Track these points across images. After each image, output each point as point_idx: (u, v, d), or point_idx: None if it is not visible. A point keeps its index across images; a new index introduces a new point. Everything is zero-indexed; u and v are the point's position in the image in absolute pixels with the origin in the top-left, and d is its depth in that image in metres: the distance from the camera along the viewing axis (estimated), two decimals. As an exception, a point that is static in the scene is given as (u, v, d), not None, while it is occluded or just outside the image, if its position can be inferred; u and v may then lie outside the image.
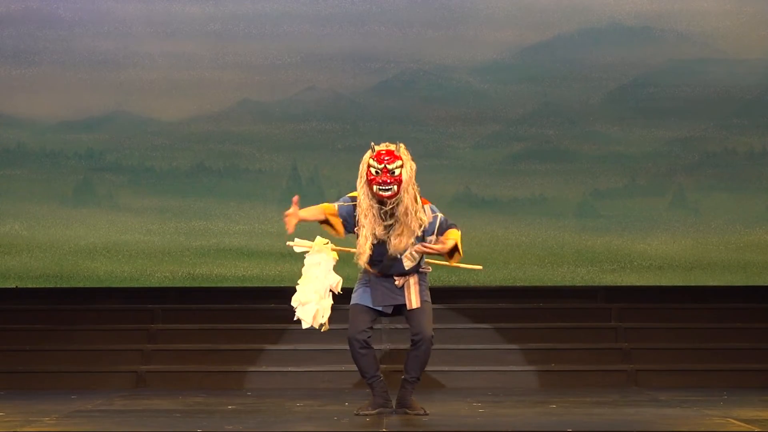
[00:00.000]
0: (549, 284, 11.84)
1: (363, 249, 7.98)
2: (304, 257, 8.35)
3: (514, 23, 12.09)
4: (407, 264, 8.05)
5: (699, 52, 12.11)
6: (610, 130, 12.09)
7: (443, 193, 11.86)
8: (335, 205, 8.12)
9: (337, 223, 8.09)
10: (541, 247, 11.94)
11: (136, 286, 11.77)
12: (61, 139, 11.97)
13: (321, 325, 8.22)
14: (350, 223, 8.08)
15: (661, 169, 12.05)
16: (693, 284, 11.81)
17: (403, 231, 7.94)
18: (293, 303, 8.21)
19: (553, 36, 12.12)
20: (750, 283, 11.79)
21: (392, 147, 8.03)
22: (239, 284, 11.81)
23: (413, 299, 8.06)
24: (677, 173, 12.04)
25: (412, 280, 8.09)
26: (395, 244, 7.94)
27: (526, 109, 12.13)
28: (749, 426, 7.65)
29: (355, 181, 8.05)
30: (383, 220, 7.97)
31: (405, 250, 7.98)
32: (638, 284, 11.83)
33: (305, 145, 12.06)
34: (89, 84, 12.00)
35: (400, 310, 8.17)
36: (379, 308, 8.11)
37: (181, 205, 11.97)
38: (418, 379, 8.18)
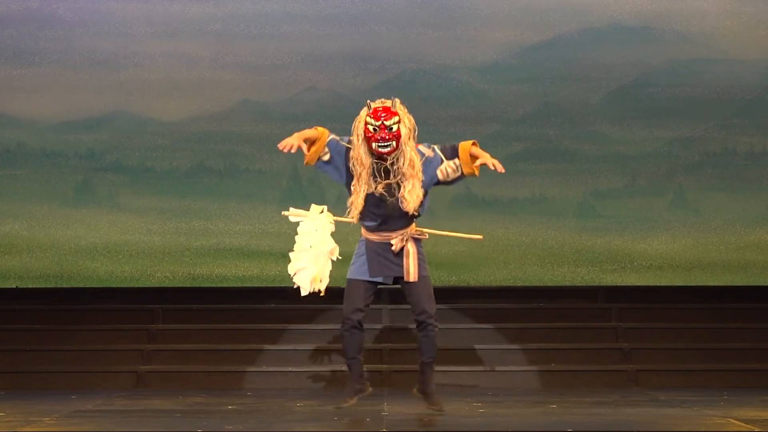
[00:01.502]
0: (549, 284, 11.84)
1: (356, 202, 7.97)
2: (299, 225, 8.36)
3: (514, 23, 12.09)
4: (404, 222, 8.01)
5: (699, 52, 12.11)
6: (610, 130, 12.09)
7: (443, 193, 11.84)
8: (328, 135, 8.09)
9: (318, 149, 8.05)
10: (541, 247, 11.94)
11: (136, 286, 11.77)
12: (61, 139, 11.97)
13: (319, 291, 8.23)
14: (334, 159, 8.05)
15: (661, 169, 12.05)
16: (693, 284, 11.81)
17: (414, 185, 7.93)
18: (290, 270, 8.21)
19: (553, 36, 12.12)
20: (750, 283, 11.79)
21: (388, 103, 8.03)
22: (239, 284, 11.81)
23: (411, 270, 8.02)
24: (677, 173, 12.04)
25: (411, 248, 8.04)
26: (410, 200, 7.91)
27: (526, 109, 12.13)
28: (749, 426, 7.65)
29: None
30: (382, 178, 7.95)
31: (416, 206, 7.95)
32: (638, 284, 11.83)
33: (305, 145, 12.03)
34: (89, 84, 12.00)
35: (397, 280, 8.15)
36: (378, 279, 8.09)
37: (181, 205, 11.97)
38: (434, 359, 8.15)
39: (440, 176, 8.09)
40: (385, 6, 12.13)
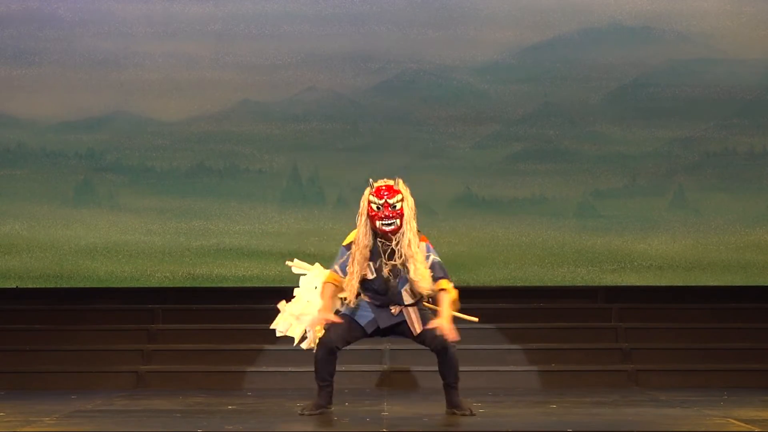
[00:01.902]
0: (549, 284, 11.84)
1: (350, 285, 7.94)
2: (299, 279, 8.39)
3: (514, 23, 12.09)
4: (407, 299, 8.05)
5: (699, 52, 12.12)
6: (610, 130, 12.09)
7: (443, 193, 11.87)
8: (336, 269, 8.05)
9: (342, 282, 8.03)
10: (541, 247, 11.95)
11: (136, 286, 11.77)
12: (61, 139, 11.98)
13: (308, 346, 8.28)
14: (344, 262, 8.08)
15: (661, 169, 12.05)
16: (693, 284, 11.81)
17: (416, 265, 7.92)
18: (279, 327, 8.26)
19: (553, 36, 12.12)
20: (750, 283, 11.80)
21: (391, 182, 8.02)
22: (239, 284, 11.81)
23: (416, 325, 8.06)
24: (677, 173, 12.05)
25: (411, 310, 8.09)
26: (419, 280, 7.91)
27: (526, 109, 12.13)
28: (749, 426, 7.65)
29: (355, 218, 8.07)
30: (386, 260, 7.96)
31: (430, 283, 7.95)
32: (638, 284, 11.84)
33: (305, 145, 12.06)
34: (89, 84, 12.00)
35: (392, 330, 8.16)
36: (370, 330, 8.09)
37: (181, 205, 11.98)
38: (457, 379, 8.14)
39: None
40: (385, 6, 12.13)
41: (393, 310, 8.07)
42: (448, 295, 7.97)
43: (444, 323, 7.84)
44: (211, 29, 12.10)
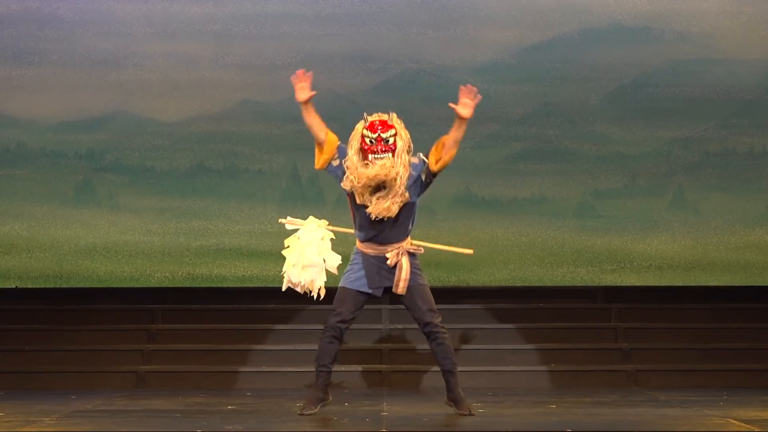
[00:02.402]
0: (549, 284, 11.84)
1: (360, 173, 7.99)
2: (299, 232, 8.37)
3: (514, 23, 12.08)
4: (399, 236, 8.03)
5: (699, 52, 12.11)
6: (610, 130, 12.09)
7: (443, 193, 11.85)
8: (337, 141, 8.16)
9: (327, 154, 8.11)
10: (541, 247, 11.94)
11: (136, 286, 11.77)
12: (61, 139, 11.97)
13: (310, 293, 8.28)
14: (342, 165, 8.08)
15: (661, 169, 12.05)
16: (693, 284, 11.81)
17: (396, 194, 7.94)
18: (291, 272, 8.24)
19: (553, 36, 12.12)
20: (750, 283, 11.79)
21: (385, 116, 8.06)
22: (239, 284, 11.80)
23: (401, 284, 8.05)
24: (677, 173, 12.04)
25: (405, 262, 8.06)
26: (375, 205, 7.93)
27: (526, 109, 12.13)
28: (749, 426, 7.65)
29: None
30: (371, 188, 7.98)
31: (377, 215, 7.96)
32: (638, 284, 11.83)
33: (305, 145, 11.96)
34: (89, 84, 11.99)
35: (391, 292, 8.18)
36: (370, 291, 8.11)
37: (181, 205, 11.97)
38: (455, 365, 8.15)
39: (423, 177, 8.11)
40: (385, 6, 12.12)
41: (389, 260, 8.05)
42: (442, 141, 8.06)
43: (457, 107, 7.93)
44: (211, 29, 12.09)
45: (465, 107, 8.04)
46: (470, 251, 8.49)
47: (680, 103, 12.06)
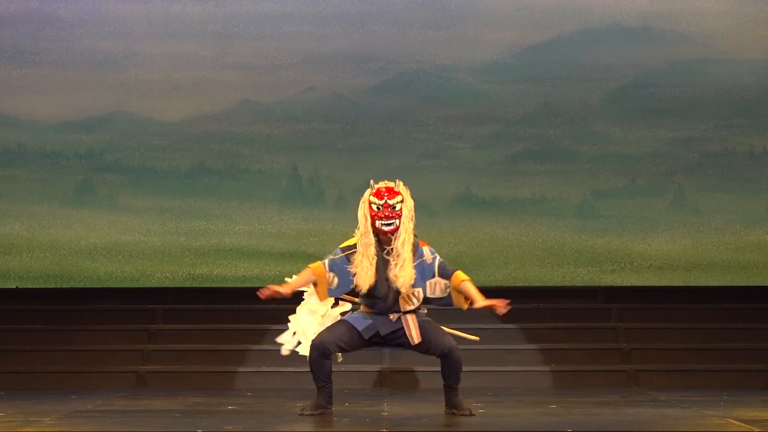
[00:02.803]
0: (549, 284, 11.84)
1: (364, 278, 8.00)
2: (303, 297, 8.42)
3: (514, 23, 12.09)
4: (404, 306, 8.08)
5: (699, 52, 12.11)
6: (610, 130, 12.09)
7: (443, 193, 11.86)
8: (324, 263, 8.12)
9: (323, 283, 8.09)
10: (541, 247, 11.94)
11: (136, 286, 11.77)
12: (61, 139, 11.97)
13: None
14: (345, 274, 8.07)
15: (661, 169, 12.05)
16: (693, 284, 11.81)
17: (404, 263, 7.98)
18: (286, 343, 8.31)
19: (553, 36, 12.12)
20: (750, 283, 11.79)
21: (391, 184, 8.11)
22: (239, 284, 11.80)
23: (413, 334, 8.08)
24: (677, 173, 12.04)
25: (410, 318, 8.11)
26: (401, 276, 7.96)
27: (526, 109, 12.13)
28: (749, 426, 7.65)
29: (354, 226, 8.13)
30: (385, 257, 8.02)
31: (409, 284, 7.99)
32: (638, 284, 11.83)
33: (305, 145, 12.05)
34: (89, 84, 12.00)
35: (391, 339, 8.17)
36: (368, 336, 8.11)
37: (181, 205, 11.97)
38: (459, 380, 8.18)
39: (428, 290, 8.12)
40: (385, 6, 12.13)
41: (392, 317, 8.10)
42: (469, 282, 8.04)
43: (490, 302, 7.95)
44: (211, 29, 12.09)
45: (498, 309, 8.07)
46: (477, 338, 8.55)
47: (680, 103, 12.07)
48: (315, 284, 8.17)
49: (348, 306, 8.35)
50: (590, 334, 11.18)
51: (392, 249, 8.03)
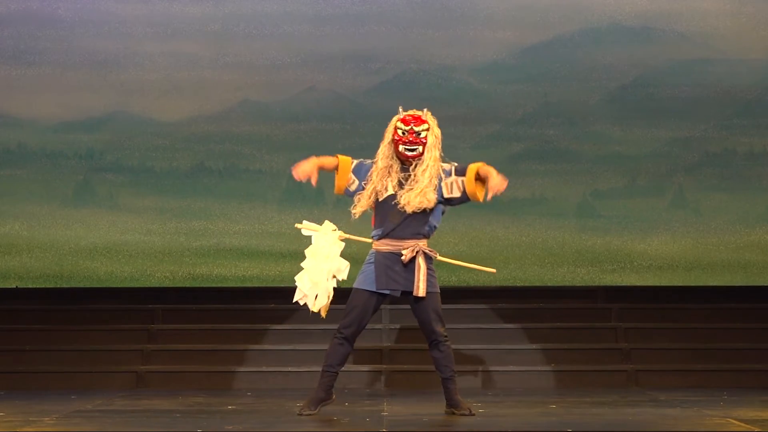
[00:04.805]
0: (549, 284, 11.84)
1: (361, 202, 8.13)
2: (311, 239, 8.38)
3: (514, 23, 12.09)
4: (416, 231, 8.06)
5: (699, 52, 12.11)
6: (610, 130, 12.09)
7: (443, 193, 11.84)
8: (352, 161, 8.27)
9: (344, 177, 8.24)
10: (541, 247, 11.94)
11: (136, 286, 11.77)
12: (61, 139, 11.97)
13: (319, 311, 8.25)
14: (361, 184, 8.20)
15: (661, 169, 12.05)
16: (693, 284, 11.81)
17: (422, 191, 8.03)
18: (299, 284, 8.24)
19: (553, 36, 12.12)
20: (750, 283, 11.79)
21: (419, 112, 8.19)
22: (239, 284, 11.81)
23: (421, 286, 8.06)
24: (677, 173, 12.04)
25: (421, 263, 8.07)
26: (410, 200, 8.01)
27: (526, 109, 12.13)
28: (749, 426, 7.65)
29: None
30: (400, 179, 8.06)
31: (417, 208, 8.01)
32: (638, 284, 11.83)
33: (305, 145, 12.04)
34: (89, 84, 12.00)
35: (405, 294, 8.16)
36: (384, 292, 8.11)
37: (181, 205, 11.97)
38: (455, 373, 8.19)
39: (444, 191, 8.16)
40: (385, 6, 12.13)
41: (404, 256, 8.05)
42: (482, 166, 8.27)
43: (492, 177, 8.14)
44: (211, 29, 12.09)
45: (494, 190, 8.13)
46: (493, 270, 8.53)
47: (680, 103, 12.07)
48: (336, 170, 8.26)
49: (346, 265, 8.27)
50: (590, 334, 11.18)
51: (411, 175, 8.06)
